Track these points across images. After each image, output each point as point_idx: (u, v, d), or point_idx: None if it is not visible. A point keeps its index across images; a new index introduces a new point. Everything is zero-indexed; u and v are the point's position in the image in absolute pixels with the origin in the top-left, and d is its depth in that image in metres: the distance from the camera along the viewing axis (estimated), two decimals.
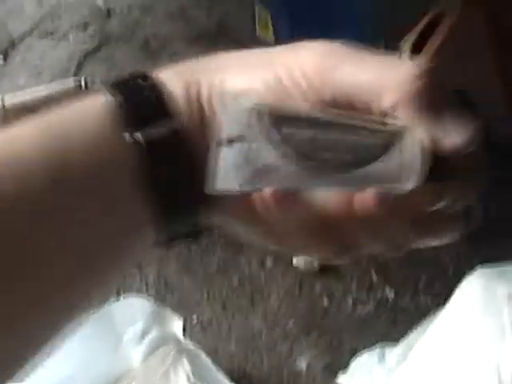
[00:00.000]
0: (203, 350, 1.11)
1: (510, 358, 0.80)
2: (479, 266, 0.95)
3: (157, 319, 1.06)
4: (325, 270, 1.25)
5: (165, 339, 1.05)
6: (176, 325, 1.06)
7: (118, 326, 1.03)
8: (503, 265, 0.94)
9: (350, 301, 1.18)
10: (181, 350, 1.07)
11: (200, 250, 1.30)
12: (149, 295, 1.21)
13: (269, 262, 1.26)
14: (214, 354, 1.15)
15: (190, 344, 1.06)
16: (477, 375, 0.81)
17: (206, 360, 1.05)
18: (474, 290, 0.89)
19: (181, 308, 1.22)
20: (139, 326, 1.03)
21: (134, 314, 1.04)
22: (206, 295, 1.21)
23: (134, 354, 0.97)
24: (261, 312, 1.18)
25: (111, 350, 0.98)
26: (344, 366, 1.08)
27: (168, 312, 1.07)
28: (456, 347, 0.88)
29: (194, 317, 1.18)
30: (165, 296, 1.19)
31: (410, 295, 1.19)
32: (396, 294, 1.20)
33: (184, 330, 1.13)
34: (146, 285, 1.23)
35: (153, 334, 1.03)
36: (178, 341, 1.06)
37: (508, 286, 0.86)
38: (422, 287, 1.21)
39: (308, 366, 1.10)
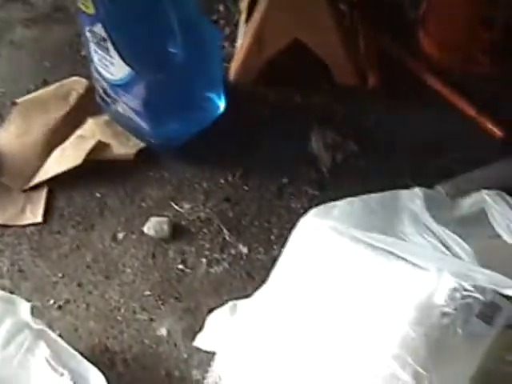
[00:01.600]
0: (63, 331, 1.08)
1: (334, 293, 0.81)
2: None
3: (9, 309, 1.03)
4: (177, 235, 1.24)
5: (20, 327, 1.02)
6: (27, 311, 1.03)
7: None
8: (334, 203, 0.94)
9: (204, 262, 1.18)
10: (37, 336, 1.05)
11: (51, 232, 1.27)
12: (3, 285, 1.18)
13: (120, 235, 1.25)
14: (74, 334, 1.13)
15: (46, 329, 1.03)
16: (308, 313, 0.82)
17: (63, 343, 1.03)
18: (305, 231, 0.90)
19: (37, 293, 1.20)
20: None
21: None
22: (60, 276, 1.18)
23: None
24: (117, 286, 1.17)
25: None
26: (202, 327, 1.08)
27: (20, 300, 1.04)
28: (293, 286, 0.89)
29: (52, 300, 1.15)
30: (20, 283, 1.17)
31: (263, 249, 1.19)
32: (249, 249, 1.20)
33: (42, 314, 1.11)
34: (1, 275, 1.20)
35: (6, 323, 1.00)
36: (33, 327, 1.03)
37: (332, 220, 0.87)
38: (274, 239, 1.22)
39: (168, 333, 1.09)
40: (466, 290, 0.82)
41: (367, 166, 1.31)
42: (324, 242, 0.88)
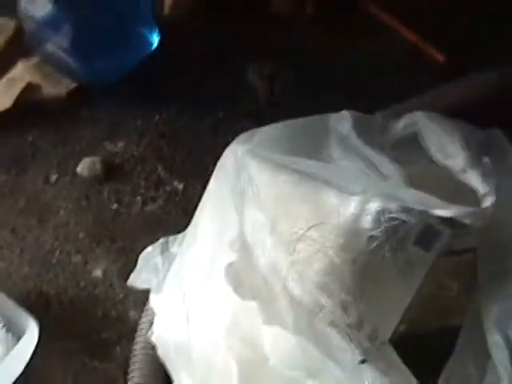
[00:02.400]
0: None
1: (250, 215, 0.78)
2: None
3: None
4: (111, 175, 1.21)
5: None
6: None
7: None
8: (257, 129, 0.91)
9: (139, 200, 1.15)
10: None
11: None
12: None
13: (53, 178, 1.21)
14: (7, 280, 1.10)
15: None
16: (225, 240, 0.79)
17: None
18: (227, 157, 0.87)
19: None
20: None
21: None
22: None
23: None
24: (51, 229, 1.14)
25: None
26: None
27: None
28: (214, 218, 0.86)
29: None
30: None
31: (200, 185, 1.16)
32: (185, 185, 1.17)
33: None
34: None
35: None
36: None
37: (250, 144, 0.84)
38: (210, 175, 1.18)
39: (104, 274, 1.07)
40: (391, 211, 0.78)
41: (305, 97, 1.27)
42: (241, 168, 0.84)
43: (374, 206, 0.79)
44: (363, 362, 0.72)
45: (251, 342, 0.80)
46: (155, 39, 1.31)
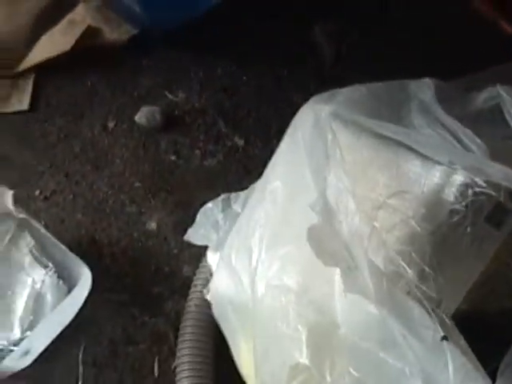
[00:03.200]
0: (49, 223, 1.03)
1: (334, 179, 0.74)
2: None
3: None
4: (170, 125, 1.18)
5: (3, 217, 0.97)
6: (9, 199, 0.97)
7: None
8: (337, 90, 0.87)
9: (198, 154, 1.12)
10: (21, 226, 0.99)
11: (38, 120, 1.21)
12: None
13: (111, 125, 1.19)
14: (60, 225, 1.08)
15: (30, 219, 0.98)
16: (308, 202, 0.76)
17: (48, 234, 0.98)
18: (304, 118, 0.84)
19: (23, 183, 1.14)
20: None
21: None
22: (48, 167, 1.12)
23: None
24: (106, 177, 1.11)
25: None
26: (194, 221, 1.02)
27: (3, 189, 0.98)
28: (289, 179, 0.83)
29: (37, 191, 1.09)
30: (4, 173, 1.10)
31: (261, 141, 1.13)
32: (246, 142, 1.14)
33: (27, 204, 1.05)
34: None
35: None
36: (16, 217, 0.98)
37: (334, 105, 0.80)
38: (274, 133, 1.15)
39: (158, 227, 1.04)
40: (478, 185, 0.75)
41: (372, 60, 1.23)
42: (325, 129, 0.81)
43: (460, 178, 0.76)
44: (444, 338, 0.69)
45: (322, 308, 0.78)
46: None
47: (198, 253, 1.03)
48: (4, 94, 1.25)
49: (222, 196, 1.02)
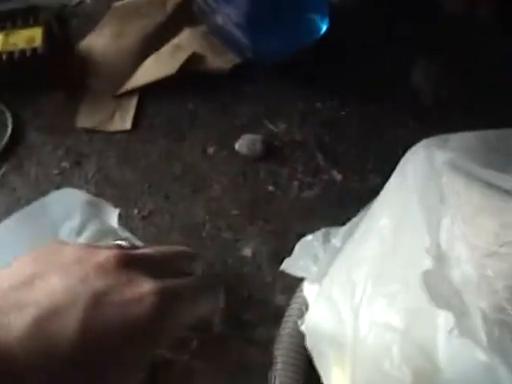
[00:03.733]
0: (145, 242, 1.06)
1: (448, 224, 0.75)
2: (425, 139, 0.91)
3: (94, 212, 1.01)
4: (269, 155, 1.20)
5: (104, 233, 1.00)
6: (114, 217, 1.00)
7: (54, 221, 0.96)
8: (448, 135, 0.88)
9: (295, 185, 1.13)
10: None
11: (140, 140, 1.24)
12: (88, 191, 1.15)
13: (211, 150, 1.21)
14: (156, 245, 1.09)
15: (130, 237, 1.01)
16: (419, 243, 0.77)
17: None
18: (417, 159, 0.85)
19: (122, 201, 1.17)
20: (76, 221, 0.97)
21: (70, 208, 0.98)
22: (147, 186, 1.15)
23: None
24: (204, 201, 1.13)
25: None
26: (290, 251, 1.03)
27: (106, 204, 1.02)
28: (399, 217, 0.84)
29: (136, 209, 1.12)
30: (105, 190, 1.14)
31: (358, 176, 1.14)
32: (344, 176, 1.15)
33: (126, 223, 1.08)
34: (86, 180, 1.17)
35: (91, 228, 0.98)
36: (117, 234, 1.01)
37: (448, 152, 0.81)
38: (370, 168, 1.16)
39: (253, 254, 1.05)
40: None
41: (472, 103, 1.23)
42: (436, 175, 0.82)
43: None
44: None
45: (425, 351, 0.78)
46: (324, 26, 1.29)
47: (291, 284, 1.04)
48: (108, 113, 1.29)
49: (323, 230, 1.03)
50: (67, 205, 1.07)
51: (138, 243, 1.02)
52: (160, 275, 0.48)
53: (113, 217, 1.04)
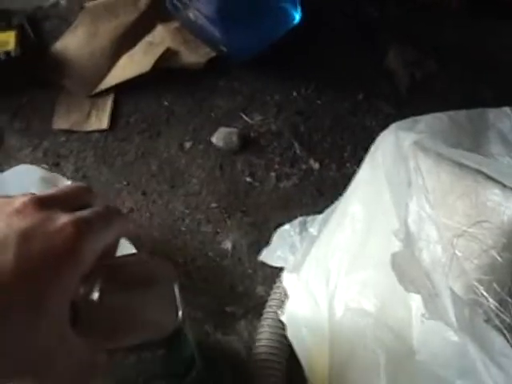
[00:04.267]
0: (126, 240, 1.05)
1: (415, 206, 0.75)
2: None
3: (49, 187, 1.00)
4: (246, 147, 1.20)
5: None
6: None
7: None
8: (417, 117, 0.88)
9: (273, 176, 1.13)
10: None
11: (117, 139, 1.24)
12: None
13: (188, 144, 1.21)
14: (136, 243, 1.10)
15: None
16: (389, 228, 0.77)
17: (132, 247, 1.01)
18: (386, 144, 0.85)
19: (101, 200, 1.16)
20: None
21: (26, 184, 0.98)
22: (125, 184, 1.15)
23: None
24: (182, 196, 1.13)
25: None
26: (270, 242, 1.03)
27: (60, 178, 1.01)
28: (371, 203, 0.84)
29: None
30: None
31: (335, 165, 1.14)
32: (321, 164, 1.15)
33: None
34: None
35: None
36: None
37: (416, 134, 0.81)
38: (347, 156, 1.16)
39: (233, 247, 1.05)
40: None
41: (447, 87, 1.23)
42: (408, 157, 0.82)
43: None
44: None
45: (398, 333, 0.78)
46: (297, 15, 1.28)
47: (272, 274, 1.04)
48: (84, 113, 1.29)
49: (299, 219, 1.03)
50: (24, 181, 1.06)
51: (124, 241, 1.02)
52: (71, 210, 0.57)
53: None
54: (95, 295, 0.62)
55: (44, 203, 0.57)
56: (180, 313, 0.69)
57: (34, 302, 0.51)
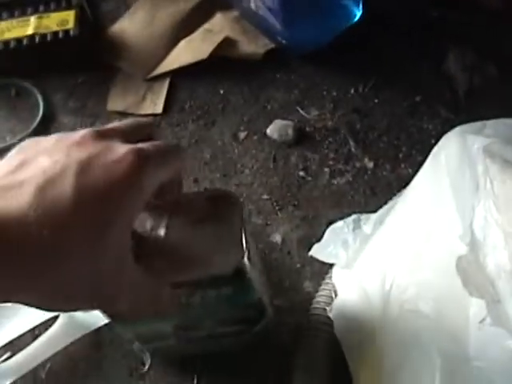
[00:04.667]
0: None
1: (482, 211, 0.74)
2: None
3: None
4: (300, 141, 1.19)
5: None
6: None
7: None
8: (484, 122, 0.87)
9: (326, 172, 1.12)
10: None
11: (171, 124, 1.24)
12: None
13: (242, 134, 1.20)
14: None
15: None
16: (452, 231, 0.76)
17: None
18: (451, 146, 0.84)
19: None
20: None
21: None
22: None
23: None
24: (234, 185, 1.12)
25: None
26: (320, 238, 1.03)
27: None
28: (432, 204, 0.83)
29: None
30: None
31: (390, 165, 1.13)
32: (375, 164, 1.14)
33: None
34: None
35: None
36: None
37: (484, 139, 0.80)
38: (402, 157, 1.15)
39: (283, 240, 1.04)
40: None
41: (506, 93, 1.22)
42: (476, 160, 0.80)
43: None
44: None
45: (455, 338, 0.77)
46: (358, 12, 1.27)
47: (320, 270, 1.03)
48: (139, 96, 1.29)
49: (353, 216, 1.03)
50: None
51: None
52: (131, 141, 0.57)
53: None
54: (161, 231, 0.66)
55: (104, 135, 0.58)
56: (245, 250, 0.69)
57: (94, 232, 0.52)
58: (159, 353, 0.97)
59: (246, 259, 0.71)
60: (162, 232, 0.66)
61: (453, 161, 0.85)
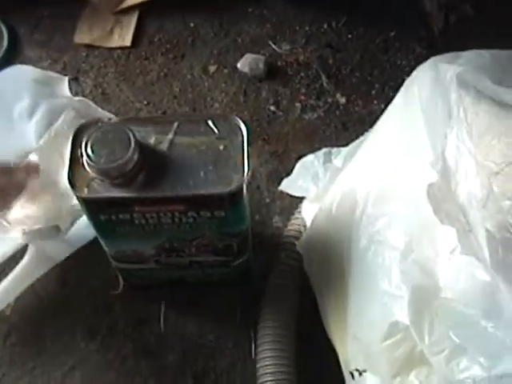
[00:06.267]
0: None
1: (454, 139, 0.73)
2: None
3: (44, 90, 0.98)
4: (272, 75, 1.16)
5: (57, 110, 0.96)
6: (65, 86, 0.99)
7: (6, 104, 0.93)
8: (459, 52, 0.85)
9: (298, 107, 1.10)
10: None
11: (139, 58, 1.20)
12: None
13: (212, 68, 1.18)
14: None
15: (84, 99, 1.00)
16: (423, 160, 0.74)
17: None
18: (424, 77, 0.81)
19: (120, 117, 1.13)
20: (26, 101, 0.95)
21: (19, 87, 0.95)
22: (145, 103, 1.12)
23: (30, 129, 0.89)
24: None
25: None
26: (290, 173, 1.01)
27: (53, 76, 1.00)
28: (403, 135, 0.81)
29: None
30: (102, 107, 1.10)
31: (362, 101, 1.11)
32: (348, 100, 1.12)
33: None
34: (83, 94, 1.13)
35: (42, 108, 0.94)
36: (71, 103, 0.98)
37: (458, 67, 0.78)
38: (374, 93, 1.13)
39: (252, 175, 1.02)
40: None
41: (481, 31, 1.19)
42: (449, 89, 0.78)
43: None
44: None
45: (425, 270, 0.76)
46: None
47: (290, 205, 1.02)
48: (107, 29, 1.26)
49: (324, 150, 1.01)
50: (16, 84, 1.03)
51: (93, 106, 1.00)
52: None
53: (63, 86, 1.02)
54: (164, 145, 0.69)
55: None
56: (246, 171, 0.71)
57: None
58: (132, 279, 0.94)
59: (244, 184, 0.70)
60: (165, 147, 0.69)
61: (425, 90, 0.83)
